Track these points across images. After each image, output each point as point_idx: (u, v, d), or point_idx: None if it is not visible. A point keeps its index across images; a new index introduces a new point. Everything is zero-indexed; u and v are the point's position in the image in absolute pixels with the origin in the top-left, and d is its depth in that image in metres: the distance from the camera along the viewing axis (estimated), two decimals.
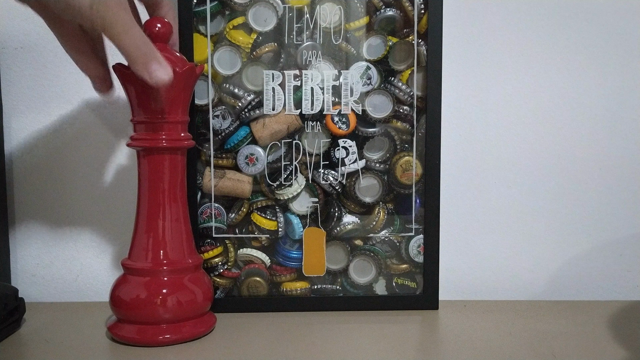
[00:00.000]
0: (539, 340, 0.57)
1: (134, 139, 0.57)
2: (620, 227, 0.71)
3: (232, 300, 0.65)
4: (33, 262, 0.70)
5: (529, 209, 0.71)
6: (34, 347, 0.56)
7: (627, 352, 0.54)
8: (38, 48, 0.68)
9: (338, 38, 0.64)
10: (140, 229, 0.58)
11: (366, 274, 0.66)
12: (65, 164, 0.70)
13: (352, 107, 0.65)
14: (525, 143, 0.70)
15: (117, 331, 0.56)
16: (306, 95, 0.64)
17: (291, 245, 0.66)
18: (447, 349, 0.55)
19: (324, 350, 0.54)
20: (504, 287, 0.71)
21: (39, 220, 0.70)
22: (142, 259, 0.57)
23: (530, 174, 0.70)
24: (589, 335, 0.58)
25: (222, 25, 0.64)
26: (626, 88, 0.70)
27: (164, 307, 0.56)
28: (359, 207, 0.66)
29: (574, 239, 0.71)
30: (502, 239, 0.71)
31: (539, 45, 0.69)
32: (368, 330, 0.59)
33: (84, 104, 0.69)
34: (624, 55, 0.69)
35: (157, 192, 0.57)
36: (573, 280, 0.71)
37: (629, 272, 0.71)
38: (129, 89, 0.56)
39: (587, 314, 0.64)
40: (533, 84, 0.70)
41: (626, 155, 0.70)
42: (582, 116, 0.70)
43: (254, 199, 0.65)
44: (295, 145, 0.65)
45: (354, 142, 0.65)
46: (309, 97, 0.64)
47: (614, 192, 0.70)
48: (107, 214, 0.70)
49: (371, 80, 0.65)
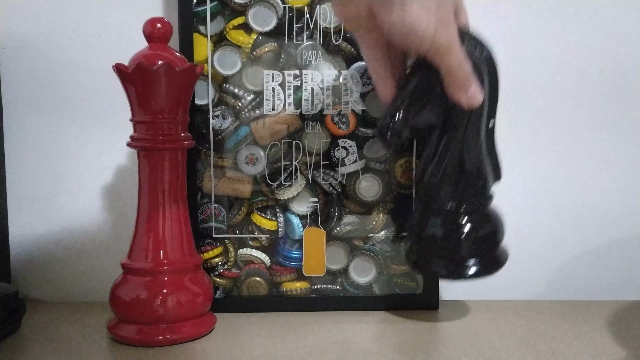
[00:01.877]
0: (539, 340, 0.57)
1: (134, 139, 0.57)
2: (620, 227, 0.71)
3: (232, 300, 0.65)
4: (33, 262, 0.70)
5: (529, 209, 0.70)
6: (34, 347, 0.56)
7: (627, 352, 0.54)
8: (38, 48, 0.68)
9: (338, 38, 0.64)
10: (140, 229, 0.58)
11: (366, 274, 0.66)
12: (65, 164, 0.70)
13: (352, 107, 0.65)
14: (524, 142, 0.70)
15: (117, 331, 0.56)
16: (306, 95, 0.64)
17: (291, 245, 0.66)
18: (447, 349, 0.55)
19: (324, 350, 0.54)
20: (504, 287, 0.71)
21: (39, 220, 0.70)
22: (142, 259, 0.57)
23: (529, 174, 0.70)
24: (589, 335, 0.58)
25: (222, 25, 0.64)
26: (627, 88, 0.70)
27: (164, 307, 0.56)
28: (359, 207, 0.66)
29: (574, 239, 0.71)
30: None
31: (539, 45, 0.69)
32: (368, 330, 0.59)
33: (83, 104, 0.69)
34: (624, 55, 0.69)
35: (157, 192, 0.57)
36: (573, 280, 0.71)
37: (629, 272, 0.71)
38: (129, 89, 0.56)
39: (587, 314, 0.64)
40: (533, 83, 0.69)
41: (626, 155, 0.70)
42: (581, 116, 0.70)
43: (254, 199, 0.65)
44: (295, 145, 0.65)
45: (354, 142, 0.65)
46: (309, 97, 0.64)
47: (614, 192, 0.70)
48: (107, 214, 0.70)
49: (371, 80, 0.65)
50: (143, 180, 0.57)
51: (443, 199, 0.55)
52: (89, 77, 0.68)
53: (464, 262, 0.56)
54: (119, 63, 0.55)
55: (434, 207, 0.56)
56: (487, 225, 0.56)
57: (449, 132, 0.54)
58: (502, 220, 0.57)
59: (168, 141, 0.56)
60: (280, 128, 0.64)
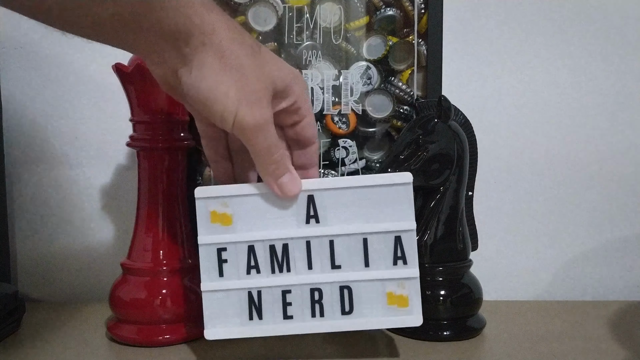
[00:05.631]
0: (539, 340, 0.57)
1: (134, 139, 0.57)
2: (620, 227, 0.71)
3: None
4: (33, 262, 0.70)
5: (529, 209, 0.70)
6: (34, 347, 0.56)
7: (627, 352, 0.53)
8: (38, 48, 0.68)
9: (338, 38, 0.64)
10: (140, 229, 0.58)
11: None
12: (65, 164, 0.70)
13: (352, 107, 0.65)
14: (524, 143, 0.70)
15: (116, 331, 0.56)
16: None
17: None
18: (447, 349, 0.55)
19: (324, 350, 0.54)
20: (504, 287, 0.71)
21: (38, 220, 0.70)
22: (141, 259, 0.57)
23: (529, 174, 0.70)
24: (589, 335, 0.58)
25: None
26: (627, 88, 0.70)
27: (163, 307, 0.55)
28: None
29: (574, 239, 0.71)
30: (502, 239, 0.71)
31: (539, 44, 0.69)
32: (368, 330, 0.59)
33: (83, 104, 0.69)
34: (625, 54, 0.69)
35: (157, 192, 0.57)
36: (573, 280, 0.71)
37: (629, 272, 0.71)
38: (129, 89, 0.56)
39: (587, 314, 0.64)
40: (533, 83, 0.69)
41: (626, 155, 0.70)
42: (581, 116, 0.70)
43: None
44: None
45: (354, 142, 0.65)
46: (309, 97, 0.64)
47: (614, 192, 0.70)
48: (107, 214, 0.70)
49: (371, 80, 0.65)
50: (143, 180, 0.57)
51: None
52: (89, 77, 0.68)
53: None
54: (119, 63, 0.55)
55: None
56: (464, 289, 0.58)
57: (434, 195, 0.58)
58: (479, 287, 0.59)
59: (168, 141, 0.56)
60: None
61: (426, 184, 0.56)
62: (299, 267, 0.49)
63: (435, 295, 0.57)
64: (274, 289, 0.49)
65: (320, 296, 0.49)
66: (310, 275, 0.49)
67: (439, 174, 0.56)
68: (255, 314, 0.49)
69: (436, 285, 0.57)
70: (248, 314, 0.49)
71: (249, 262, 0.49)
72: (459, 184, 0.58)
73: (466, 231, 0.59)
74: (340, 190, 0.49)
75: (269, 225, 0.49)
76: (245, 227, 0.49)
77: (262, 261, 0.49)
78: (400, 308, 0.49)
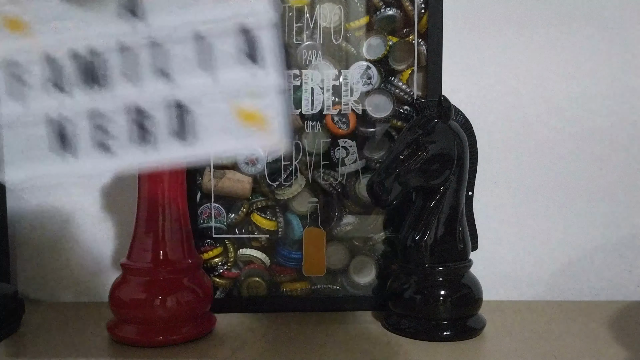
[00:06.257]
0: (539, 340, 0.57)
1: None
2: (621, 227, 0.71)
3: (232, 301, 0.65)
4: (33, 262, 0.70)
5: (529, 209, 0.70)
6: (34, 347, 0.56)
7: (627, 352, 0.53)
8: None
9: (338, 38, 0.64)
10: (139, 229, 0.58)
11: (366, 274, 0.66)
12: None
13: (352, 107, 0.65)
14: (524, 143, 0.70)
15: (116, 331, 0.56)
16: (306, 95, 0.64)
17: (291, 246, 0.66)
18: (447, 349, 0.55)
19: (324, 350, 0.54)
20: (504, 287, 0.71)
21: (38, 220, 0.70)
22: (141, 259, 0.57)
23: (529, 174, 0.70)
24: (589, 335, 0.58)
25: None
26: (628, 88, 0.70)
27: (163, 307, 0.55)
28: (359, 207, 0.66)
29: (574, 239, 0.71)
30: (502, 240, 0.71)
31: (539, 44, 0.69)
32: (368, 330, 0.59)
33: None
34: (625, 53, 0.69)
35: (157, 192, 0.57)
36: (573, 280, 0.71)
37: (629, 272, 0.71)
38: None
39: (587, 314, 0.64)
40: (533, 83, 0.69)
41: (626, 155, 0.70)
42: (581, 117, 0.70)
43: (254, 199, 0.65)
44: (295, 145, 0.65)
45: (354, 142, 0.65)
46: (309, 97, 0.64)
47: (615, 192, 0.70)
48: (107, 214, 0.70)
49: (371, 80, 0.65)
50: (143, 180, 0.57)
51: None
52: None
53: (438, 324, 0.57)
54: None
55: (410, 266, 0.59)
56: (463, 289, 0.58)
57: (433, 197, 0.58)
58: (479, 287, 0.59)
59: None
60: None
61: (426, 184, 0.56)
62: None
63: (435, 296, 0.57)
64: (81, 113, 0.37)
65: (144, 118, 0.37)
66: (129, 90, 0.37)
67: (439, 174, 0.56)
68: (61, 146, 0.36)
69: (436, 285, 0.57)
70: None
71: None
72: (459, 184, 0.58)
73: (466, 231, 0.59)
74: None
75: (69, 26, 0.37)
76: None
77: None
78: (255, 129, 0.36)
